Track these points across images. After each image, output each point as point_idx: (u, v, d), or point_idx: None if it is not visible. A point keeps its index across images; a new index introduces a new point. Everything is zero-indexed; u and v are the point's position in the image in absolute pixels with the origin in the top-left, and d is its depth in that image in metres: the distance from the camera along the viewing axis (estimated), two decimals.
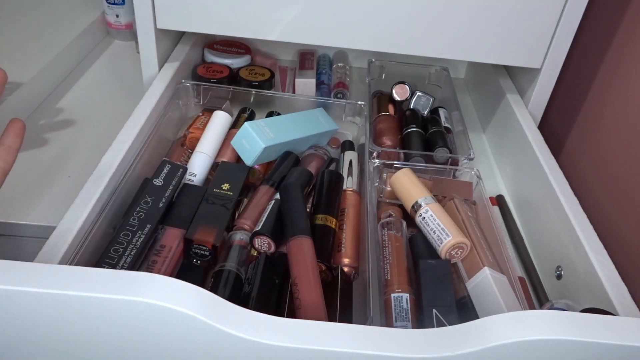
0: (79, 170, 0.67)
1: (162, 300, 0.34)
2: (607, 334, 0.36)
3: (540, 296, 0.56)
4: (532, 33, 0.68)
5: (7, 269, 0.35)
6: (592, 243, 0.51)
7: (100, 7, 0.99)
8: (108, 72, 0.91)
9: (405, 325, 0.47)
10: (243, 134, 0.61)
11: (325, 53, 0.95)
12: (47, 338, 0.38)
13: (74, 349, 0.38)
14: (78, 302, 0.35)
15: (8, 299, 0.35)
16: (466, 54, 0.70)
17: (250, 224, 0.55)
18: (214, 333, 0.35)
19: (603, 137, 0.69)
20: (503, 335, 0.35)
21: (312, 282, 0.47)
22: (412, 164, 0.65)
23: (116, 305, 0.35)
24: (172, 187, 0.55)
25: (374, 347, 0.35)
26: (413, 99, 0.78)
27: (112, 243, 0.48)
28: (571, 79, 0.79)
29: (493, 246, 0.54)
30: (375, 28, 0.68)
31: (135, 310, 0.35)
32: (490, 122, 0.82)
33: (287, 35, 0.69)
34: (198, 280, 0.51)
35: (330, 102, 0.76)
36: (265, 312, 0.36)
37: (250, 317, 0.36)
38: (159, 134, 0.64)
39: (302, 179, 0.59)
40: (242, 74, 0.82)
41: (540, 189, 0.61)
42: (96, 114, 0.79)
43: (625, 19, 0.68)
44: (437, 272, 0.50)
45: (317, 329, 0.36)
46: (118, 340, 0.37)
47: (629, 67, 0.66)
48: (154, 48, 0.71)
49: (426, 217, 0.54)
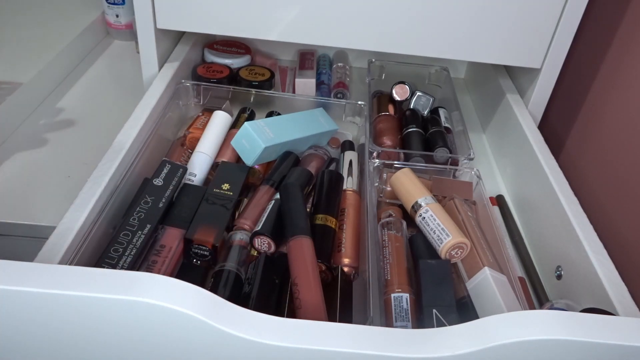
0: (79, 170, 0.67)
1: (162, 300, 0.34)
2: (607, 334, 0.36)
3: (540, 296, 0.56)
4: (532, 33, 0.68)
5: (7, 269, 0.35)
6: (592, 243, 0.51)
7: (100, 7, 0.99)
8: (108, 72, 0.91)
9: (405, 325, 0.47)
10: (243, 134, 0.61)
11: (325, 53, 0.95)
12: (47, 338, 0.38)
13: (74, 349, 0.38)
14: (78, 302, 0.35)
15: (8, 299, 0.35)
16: (466, 54, 0.70)
17: (250, 224, 0.55)
18: (214, 333, 0.35)
19: (603, 137, 0.69)
20: (503, 335, 0.35)
21: (312, 282, 0.47)
22: (412, 164, 0.65)
23: (116, 305, 0.35)
24: (172, 187, 0.55)
25: (374, 347, 0.35)
26: (413, 99, 0.78)
27: (112, 243, 0.48)
28: (571, 79, 0.79)
29: (493, 246, 0.54)
30: (375, 28, 0.68)
31: (135, 310, 0.35)
32: (490, 122, 0.82)
33: (287, 35, 0.69)
34: (198, 280, 0.51)
35: (330, 102, 0.76)
36: (265, 312, 0.36)
37: (250, 317, 0.36)
38: (159, 134, 0.64)
39: (302, 179, 0.59)
40: (242, 74, 0.82)
41: (540, 189, 0.61)
42: (96, 114, 0.79)
43: (625, 19, 0.68)
44: (437, 272, 0.50)
45: (317, 329, 0.36)
46: (118, 340, 0.37)
47: (629, 67, 0.66)
48: (154, 48, 0.71)
49: (426, 217, 0.54)
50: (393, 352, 0.35)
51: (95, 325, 0.36)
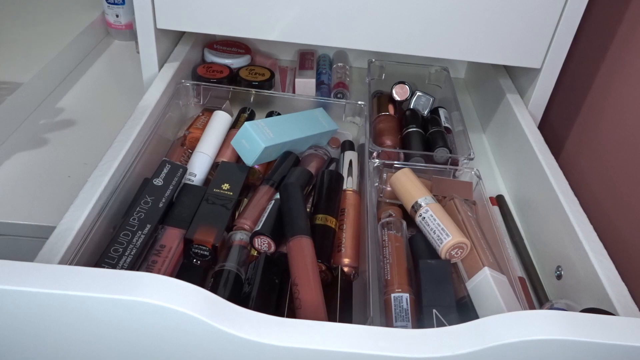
0: (79, 170, 0.67)
1: (162, 300, 0.34)
2: (607, 334, 0.36)
3: (540, 296, 0.56)
4: (532, 33, 0.68)
5: (7, 269, 0.35)
6: (592, 243, 0.51)
7: (100, 7, 0.99)
8: (108, 72, 0.91)
9: (405, 325, 0.47)
10: (243, 134, 0.61)
11: (325, 53, 0.95)
12: (47, 338, 0.38)
13: (74, 349, 0.38)
14: (78, 302, 0.35)
15: (8, 299, 0.35)
16: (466, 54, 0.70)
17: (250, 224, 0.55)
18: (214, 333, 0.35)
19: (603, 137, 0.69)
20: (503, 335, 0.35)
21: (312, 282, 0.47)
22: (412, 164, 0.65)
23: (116, 305, 0.35)
24: (172, 187, 0.55)
25: (374, 347, 0.35)
26: (413, 99, 0.78)
27: (112, 243, 0.48)
28: (571, 79, 0.79)
29: (493, 246, 0.54)
30: (375, 28, 0.68)
31: (135, 310, 0.35)
32: (490, 122, 0.82)
33: (287, 35, 0.69)
34: (198, 280, 0.51)
35: (330, 102, 0.76)
36: (265, 312, 0.36)
37: (250, 317, 0.36)
38: (159, 134, 0.64)
39: (302, 179, 0.59)
40: (242, 74, 0.82)
41: (540, 189, 0.61)
42: (96, 114, 0.79)
43: (625, 19, 0.68)
44: (437, 272, 0.51)
45: (317, 329, 0.36)
46: (118, 340, 0.37)
47: (628, 67, 0.66)
48: (154, 48, 0.71)
49: (426, 217, 0.54)
50: (393, 352, 0.35)
51: (95, 325, 0.36)
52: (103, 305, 0.35)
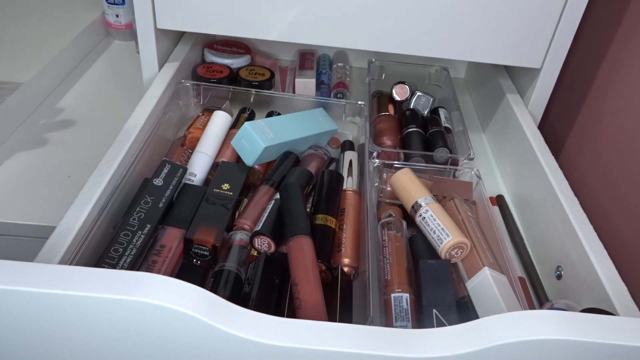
0: (79, 170, 0.67)
1: (162, 300, 0.34)
2: (607, 334, 0.36)
3: (540, 296, 0.56)
4: (532, 33, 0.68)
5: (7, 269, 0.35)
6: (592, 243, 0.51)
7: (100, 7, 0.99)
8: (108, 72, 0.91)
9: (405, 325, 0.47)
10: (243, 134, 0.61)
11: (325, 53, 0.95)
12: (47, 338, 0.38)
13: (74, 348, 0.38)
14: (78, 302, 0.35)
15: (8, 299, 0.35)
16: (466, 54, 0.70)
17: (250, 224, 0.55)
18: (214, 333, 0.35)
19: (603, 137, 0.69)
20: (503, 335, 0.35)
21: (312, 282, 0.47)
22: (412, 164, 0.65)
23: (116, 305, 0.35)
24: (172, 187, 0.55)
25: (374, 347, 0.35)
26: (413, 99, 0.78)
27: (112, 243, 0.48)
28: (571, 79, 0.79)
29: (493, 246, 0.54)
30: (375, 28, 0.68)
31: (135, 310, 0.35)
32: (490, 122, 0.82)
33: (287, 35, 0.69)
34: (198, 280, 0.51)
35: (330, 102, 0.76)
36: (265, 312, 0.36)
37: (250, 317, 0.36)
38: (159, 134, 0.64)
39: (302, 179, 0.59)
40: (242, 74, 0.82)
41: (540, 189, 0.61)
42: (96, 114, 0.79)
43: (625, 19, 0.68)
44: (437, 272, 0.51)
45: (317, 329, 0.36)
46: (118, 340, 0.37)
47: (628, 67, 0.66)
48: (154, 48, 0.71)
49: (426, 217, 0.54)
50: (393, 352, 0.35)
51: (95, 325, 0.36)
52: (103, 305, 0.35)
